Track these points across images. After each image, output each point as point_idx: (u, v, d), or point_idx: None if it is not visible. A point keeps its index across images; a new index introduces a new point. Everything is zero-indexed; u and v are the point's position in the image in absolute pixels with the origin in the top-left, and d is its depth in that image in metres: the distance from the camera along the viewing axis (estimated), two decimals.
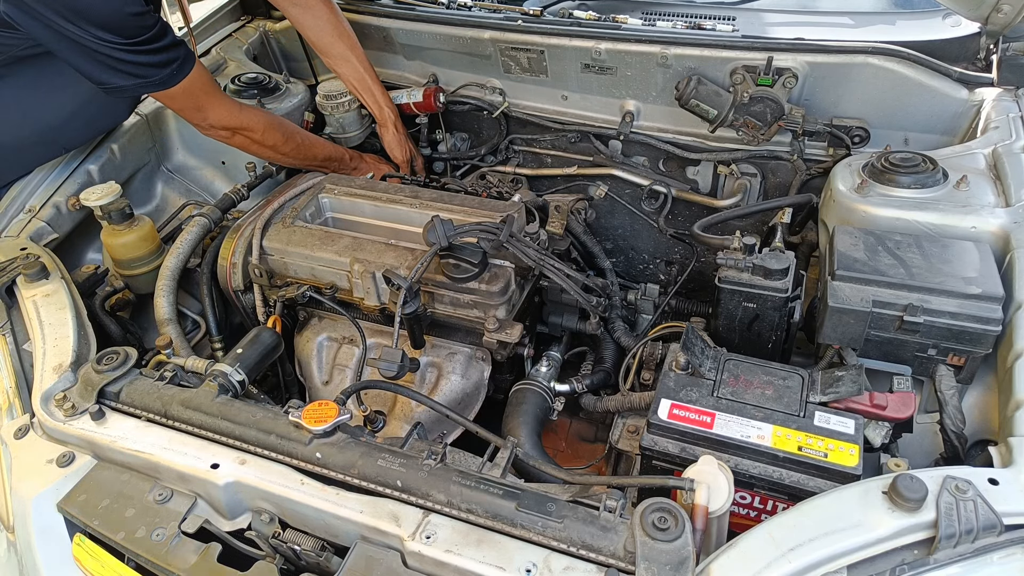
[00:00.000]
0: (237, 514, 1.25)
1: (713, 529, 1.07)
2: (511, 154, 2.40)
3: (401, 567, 1.08)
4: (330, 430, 1.23)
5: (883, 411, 1.22)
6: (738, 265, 1.45)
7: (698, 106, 1.90)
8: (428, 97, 2.27)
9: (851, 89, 1.88)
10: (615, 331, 1.91)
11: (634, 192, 2.24)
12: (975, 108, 1.81)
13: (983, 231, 1.43)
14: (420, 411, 1.69)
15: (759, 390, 1.27)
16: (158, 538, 1.17)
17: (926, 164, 1.56)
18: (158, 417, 1.34)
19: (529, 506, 1.09)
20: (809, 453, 1.14)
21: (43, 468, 1.31)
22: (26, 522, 1.26)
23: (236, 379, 1.43)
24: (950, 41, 1.89)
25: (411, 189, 1.94)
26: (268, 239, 1.79)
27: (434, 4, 2.32)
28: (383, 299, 1.70)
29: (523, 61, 2.18)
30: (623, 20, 2.10)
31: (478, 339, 1.69)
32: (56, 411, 1.35)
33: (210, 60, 2.42)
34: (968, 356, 1.29)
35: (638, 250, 2.37)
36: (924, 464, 1.30)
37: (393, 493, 1.16)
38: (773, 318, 1.46)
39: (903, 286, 1.32)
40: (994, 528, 0.93)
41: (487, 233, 1.59)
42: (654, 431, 1.23)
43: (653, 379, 1.64)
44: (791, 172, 2.02)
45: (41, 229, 1.85)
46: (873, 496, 0.98)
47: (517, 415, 1.63)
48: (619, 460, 1.61)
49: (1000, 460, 1.05)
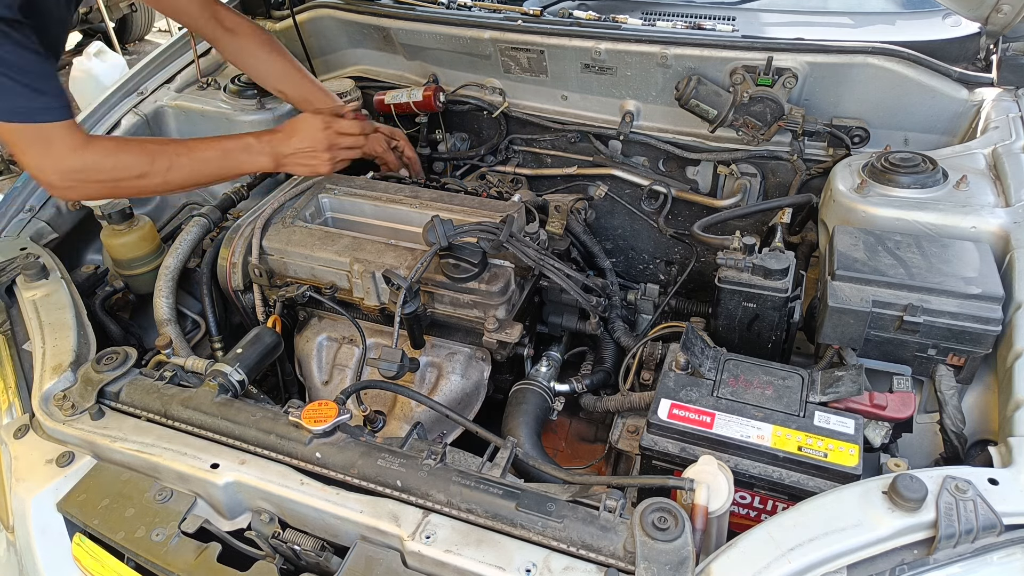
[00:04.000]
0: (237, 514, 1.25)
1: (713, 529, 1.07)
2: (511, 154, 2.40)
3: (401, 567, 1.08)
4: (330, 430, 1.23)
5: (883, 411, 1.22)
6: (738, 265, 1.45)
7: (698, 106, 1.90)
8: (428, 97, 2.27)
9: (851, 89, 1.88)
10: (615, 331, 1.91)
11: (634, 192, 2.24)
12: (975, 108, 1.81)
13: (983, 231, 1.43)
14: (420, 411, 1.69)
15: (759, 390, 1.27)
16: (158, 538, 1.17)
17: (926, 164, 1.56)
18: (158, 417, 1.34)
19: (529, 506, 1.09)
20: (809, 453, 1.14)
21: (43, 468, 1.31)
22: (26, 522, 1.26)
23: (236, 379, 1.43)
24: (950, 41, 1.89)
25: (411, 189, 1.94)
26: (268, 239, 1.79)
27: (434, 4, 2.32)
28: (383, 299, 1.70)
29: (523, 61, 2.18)
30: (623, 20, 2.10)
31: (478, 339, 1.69)
32: (56, 411, 1.35)
33: (210, 60, 2.42)
34: (968, 356, 1.29)
35: (638, 250, 2.37)
36: (924, 464, 1.30)
37: (393, 493, 1.16)
38: (773, 318, 1.46)
39: (903, 286, 1.32)
40: (994, 528, 0.93)
41: (487, 233, 1.59)
42: (654, 431, 1.23)
43: (653, 379, 1.64)
44: (791, 172, 2.02)
45: (41, 229, 1.85)
46: (873, 496, 0.98)
47: (517, 415, 1.63)
48: (619, 460, 1.62)
49: (1000, 460, 1.05)
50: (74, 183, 1.60)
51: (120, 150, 1.64)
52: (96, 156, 1.59)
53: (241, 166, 1.78)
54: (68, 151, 1.55)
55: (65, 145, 1.55)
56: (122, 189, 1.70)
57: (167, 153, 1.68)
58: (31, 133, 1.51)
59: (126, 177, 1.63)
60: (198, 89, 2.33)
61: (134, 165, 1.64)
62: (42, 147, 1.54)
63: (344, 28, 2.43)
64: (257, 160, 1.79)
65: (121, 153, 1.63)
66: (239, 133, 1.86)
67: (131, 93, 2.25)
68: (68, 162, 1.55)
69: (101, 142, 1.67)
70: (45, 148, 1.54)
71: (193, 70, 2.36)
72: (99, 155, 1.59)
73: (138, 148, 1.67)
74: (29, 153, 1.54)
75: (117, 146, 1.67)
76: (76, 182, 1.59)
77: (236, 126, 2.22)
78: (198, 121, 2.26)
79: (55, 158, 1.55)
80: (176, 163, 1.68)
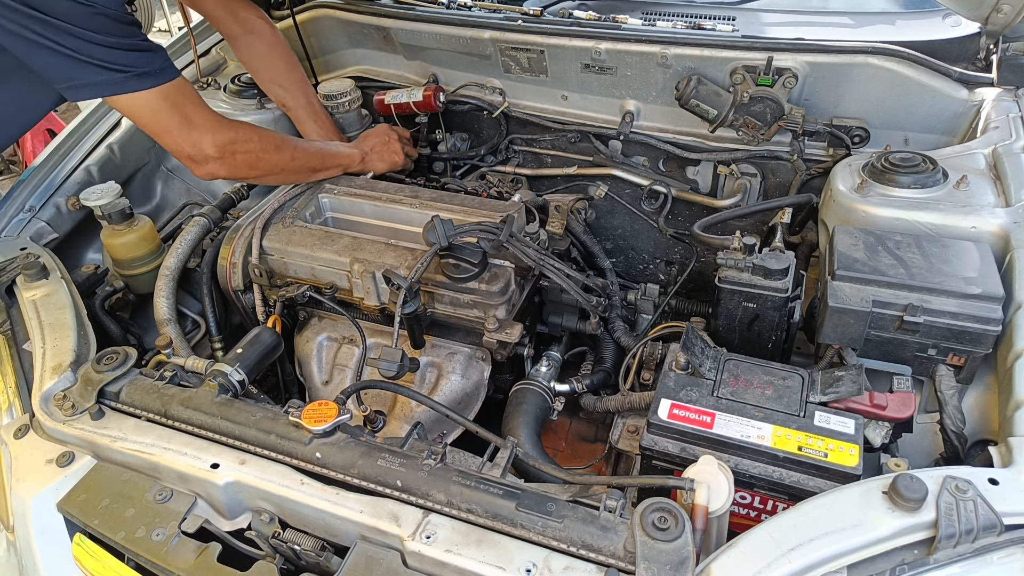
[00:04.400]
0: (237, 514, 1.25)
1: (713, 529, 1.07)
2: (511, 154, 2.40)
3: (401, 567, 1.08)
4: (330, 430, 1.23)
5: (883, 411, 1.22)
6: (738, 265, 1.45)
7: (698, 106, 1.90)
8: (428, 97, 2.27)
9: (851, 89, 1.88)
10: (615, 331, 1.91)
11: (634, 192, 2.24)
12: (975, 108, 1.81)
13: (983, 231, 1.43)
14: (420, 411, 1.69)
15: (759, 390, 1.27)
16: (158, 538, 1.17)
17: (926, 164, 1.56)
18: (158, 417, 1.34)
19: (529, 506, 1.09)
20: (809, 453, 1.14)
21: (43, 468, 1.31)
22: (26, 522, 1.26)
23: (236, 379, 1.43)
24: (950, 41, 1.89)
25: (411, 189, 1.94)
26: (268, 239, 1.79)
27: (434, 4, 2.32)
28: (383, 299, 1.70)
29: (523, 61, 2.18)
30: (623, 20, 2.10)
31: (478, 339, 1.69)
32: (56, 411, 1.35)
33: (210, 60, 2.42)
34: (968, 356, 1.29)
35: (638, 250, 2.37)
36: (924, 464, 1.30)
37: (393, 493, 1.16)
38: (773, 318, 1.46)
39: (903, 286, 1.32)
40: (994, 528, 0.93)
41: (487, 233, 1.59)
42: (654, 431, 1.23)
43: (653, 379, 1.64)
44: (791, 172, 2.02)
45: (41, 229, 1.85)
46: (873, 496, 0.98)
47: (517, 415, 1.63)
48: (619, 460, 1.62)
49: (1000, 460, 1.05)
50: (227, 154, 1.61)
51: (264, 134, 1.72)
52: (238, 125, 1.65)
53: (338, 159, 1.96)
54: (214, 121, 1.58)
55: (207, 116, 1.57)
56: (262, 164, 1.72)
57: (286, 139, 1.78)
58: (167, 105, 1.51)
59: (267, 149, 1.68)
60: (198, 89, 2.33)
61: (270, 138, 1.70)
62: (182, 120, 1.53)
63: (344, 28, 2.43)
64: (349, 156, 1.98)
65: (256, 126, 1.70)
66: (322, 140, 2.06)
67: None
68: (220, 132, 1.58)
69: (241, 123, 1.73)
70: (186, 122, 1.54)
71: (193, 70, 2.36)
72: (239, 125, 1.66)
73: (274, 136, 1.77)
74: (174, 130, 1.55)
75: (258, 129, 1.74)
76: (229, 153, 1.61)
77: None
78: None
79: (202, 129, 1.55)
80: (297, 151, 1.78)
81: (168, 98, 1.53)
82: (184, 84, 1.59)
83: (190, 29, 2.36)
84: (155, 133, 1.60)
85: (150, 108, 1.52)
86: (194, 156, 1.62)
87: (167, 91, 1.53)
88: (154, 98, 1.52)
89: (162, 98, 1.53)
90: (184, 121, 1.57)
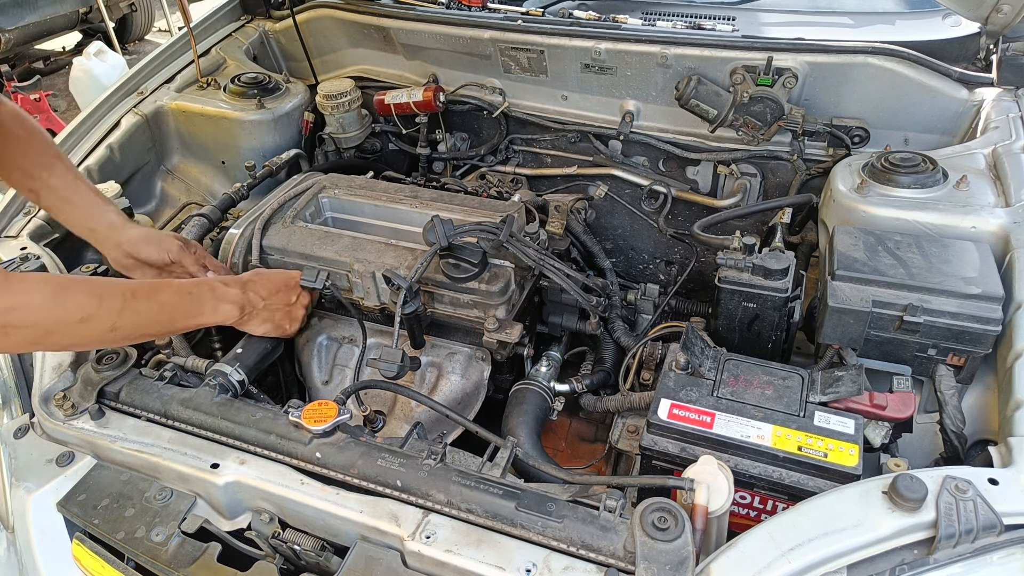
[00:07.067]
0: (237, 514, 1.25)
1: (713, 529, 1.07)
2: (511, 154, 2.40)
3: (401, 567, 1.09)
4: (330, 430, 1.23)
5: (883, 411, 1.22)
6: (738, 265, 1.45)
7: (698, 106, 1.90)
8: (428, 97, 2.27)
9: (851, 89, 1.88)
10: (615, 331, 1.91)
11: (634, 192, 2.24)
12: (975, 108, 1.81)
13: (983, 231, 1.43)
14: (420, 411, 1.69)
15: (759, 390, 1.27)
16: (158, 538, 1.18)
17: (926, 164, 1.56)
18: (158, 417, 1.34)
19: (529, 506, 1.09)
20: (809, 453, 1.14)
21: (43, 468, 1.31)
22: (26, 522, 1.27)
23: (236, 379, 1.43)
24: (950, 41, 1.89)
25: (411, 189, 1.94)
26: (268, 239, 1.79)
27: (434, 4, 2.32)
28: (383, 299, 1.70)
29: (523, 61, 2.18)
30: (623, 20, 2.10)
31: (478, 339, 1.69)
32: (56, 411, 1.35)
33: (210, 60, 2.42)
34: (968, 356, 1.29)
35: (638, 250, 2.37)
36: (924, 464, 1.30)
37: (393, 493, 1.16)
38: (773, 318, 1.46)
39: (903, 286, 1.32)
40: (994, 528, 0.93)
41: (487, 233, 1.59)
42: (654, 431, 1.23)
43: (653, 379, 1.64)
44: (791, 172, 2.02)
45: (41, 229, 1.85)
46: (873, 496, 0.98)
47: (517, 415, 1.63)
48: (619, 460, 1.62)
49: (1000, 460, 1.05)
50: None
51: (61, 288, 1.24)
52: (26, 292, 1.19)
53: (202, 312, 1.46)
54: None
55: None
56: (55, 339, 1.28)
57: (118, 294, 1.31)
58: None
59: (65, 321, 1.24)
60: (198, 89, 2.33)
61: (76, 307, 1.25)
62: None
63: (344, 28, 2.43)
64: (222, 307, 1.49)
65: (61, 292, 1.23)
66: (201, 279, 1.62)
67: (131, 93, 2.25)
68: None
69: (30, 277, 1.25)
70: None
71: (193, 70, 2.36)
72: (30, 291, 1.19)
73: (81, 287, 1.28)
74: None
75: (52, 283, 1.25)
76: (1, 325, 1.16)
77: (236, 126, 2.22)
78: (198, 121, 2.26)
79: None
80: (129, 306, 1.32)
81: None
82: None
83: (190, 29, 2.36)
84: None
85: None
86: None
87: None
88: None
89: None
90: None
